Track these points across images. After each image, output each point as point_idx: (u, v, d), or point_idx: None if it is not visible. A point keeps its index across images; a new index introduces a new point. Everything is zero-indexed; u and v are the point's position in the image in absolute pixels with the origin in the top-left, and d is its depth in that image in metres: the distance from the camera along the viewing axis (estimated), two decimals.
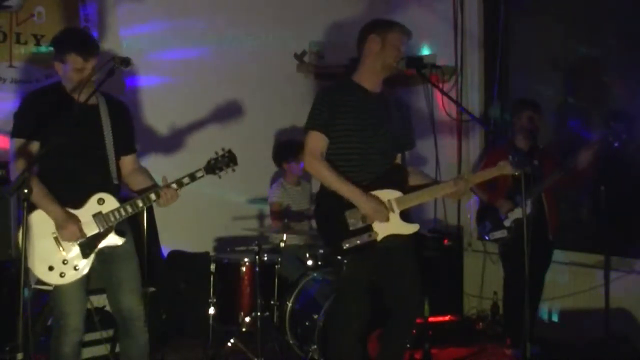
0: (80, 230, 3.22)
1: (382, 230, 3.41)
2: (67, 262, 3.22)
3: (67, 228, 3.18)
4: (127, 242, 3.41)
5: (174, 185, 3.33)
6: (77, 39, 3.36)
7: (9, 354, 3.89)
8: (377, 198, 3.40)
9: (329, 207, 3.46)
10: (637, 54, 5.00)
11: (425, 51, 6.16)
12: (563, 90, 5.59)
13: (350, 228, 3.39)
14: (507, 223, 4.68)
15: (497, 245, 4.93)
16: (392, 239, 3.45)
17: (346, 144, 3.48)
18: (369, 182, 3.45)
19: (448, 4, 5.99)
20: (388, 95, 3.64)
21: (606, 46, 5.24)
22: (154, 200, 3.32)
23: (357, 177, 3.44)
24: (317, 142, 3.48)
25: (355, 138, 3.47)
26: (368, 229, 3.40)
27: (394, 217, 3.44)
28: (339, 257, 3.45)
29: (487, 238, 4.86)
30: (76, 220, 3.22)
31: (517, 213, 4.63)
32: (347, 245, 3.36)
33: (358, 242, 3.37)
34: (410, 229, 3.48)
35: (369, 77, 3.57)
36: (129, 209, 3.29)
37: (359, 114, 3.48)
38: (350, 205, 3.40)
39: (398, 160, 3.70)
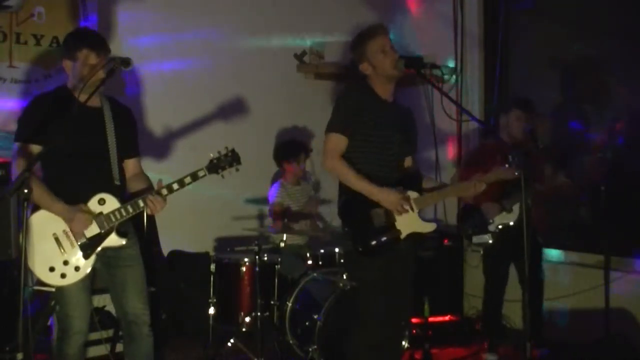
0: (90, 215, 3.20)
1: (404, 228, 3.50)
2: (69, 263, 3.22)
3: (75, 218, 3.17)
4: (132, 247, 3.41)
5: (164, 191, 3.30)
6: (90, 36, 3.43)
7: (9, 354, 3.89)
8: (393, 190, 3.45)
9: (355, 205, 3.52)
10: (637, 54, 4.99)
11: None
12: (563, 90, 5.59)
13: (376, 226, 3.47)
14: (491, 228, 4.57)
15: (480, 248, 4.85)
16: (408, 241, 3.53)
17: (364, 149, 3.54)
18: (390, 183, 3.51)
19: (448, 4, 5.98)
20: (397, 103, 3.69)
21: (606, 46, 5.24)
22: (142, 207, 3.29)
23: (375, 177, 3.50)
24: (336, 143, 3.53)
25: (372, 142, 3.54)
26: (392, 226, 3.48)
27: (414, 215, 3.51)
28: (361, 255, 3.52)
29: (468, 241, 4.81)
30: (82, 207, 3.20)
31: (504, 218, 4.55)
32: (374, 242, 3.46)
33: (384, 239, 3.46)
34: (428, 227, 3.56)
35: (380, 87, 3.61)
36: (130, 209, 3.28)
37: (376, 118, 3.54)
38: (374, 205, 3.47)
39: (410, 162, 3.76)
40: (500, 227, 4.56)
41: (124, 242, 3.32)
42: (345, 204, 3.59)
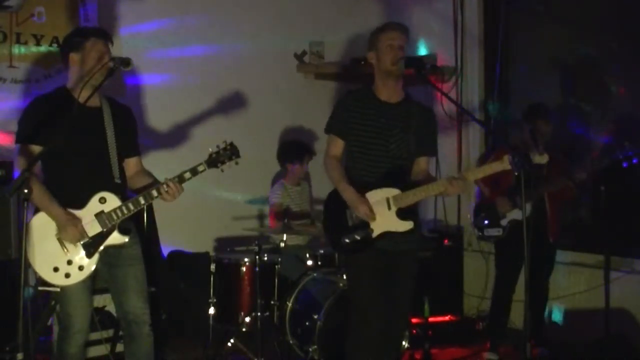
0: (82, 231, 3.22)
1: (378, 227, 3.50)
2: (72, 262, 3.23)
3: (68, 230, 3.18)
4: (132, 247, 3.41)
5: (165, 186, 3.30)
6: (94, 28, 3.55)
7: (9, 354, 3.89)
8: (363, 197, 3.49)
9: (333, 206, 3.63)
10: (638, 54, 4.99)
11: (423, 51, 6.15)
12: (563, 91, 5.59)
13: (350, 224, 3.54)
14: (503, 222, 4.68)
15: (493, 243, 4.91)
16: (395, 241, 3.52)
17: (355, 148, 3.60)
18: (374, 182, 3.53)
19: (448, 4, 5.99)
20: (411, 103, 3.67)
21: (607, 46, 5.24)
22: (156, 197, 3.30)
23: (366, 179, 3.54)
24: (332, 144, 3.68)
25: (363, 143, 3.57)
26: (365, 225, 3.51)
27: (390, 214, 3.50)
28: (340, 253, 3.55)
29: (480, 233, 4.83)
30: (77, 221, 3.21)
31: (515, 214, 4.62)
32: (346, 240, 3.54)
33: (356, 237, 3.52)
34: (404, 226, 3.52)
35: (382, 89, 3.62)
36: (131, 207, 3.28)
37: (370, 122, 3.57)
38: None
39: (424, 164, 3.72)
40: (510, 223, 4.63)
41: (126, 239, 3.32)
42: (327, 202, 3.71)
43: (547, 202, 4.63)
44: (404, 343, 4.38)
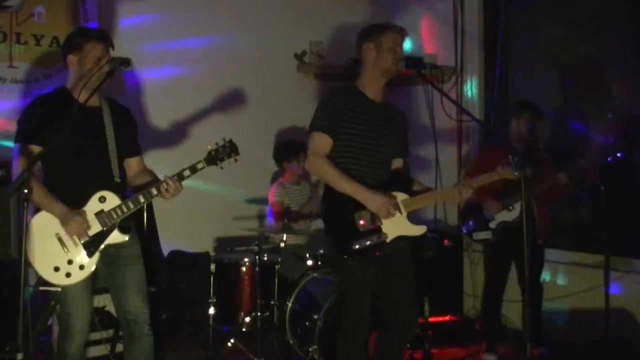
0: (86, 221, 3.21)
1: (391, 231, 3.42)
2: (73, 262, 3.23)
3: (71, 222, 3.18)
4: (132, 247, 3.42)
5: (175, 178, 3.31)
6: (95, 30, 3.52)
7: (9, 354, 3.90)
8: (381, 192, 3.39)
9: (338, 208, 3.46)
10: (638, 54, 4.99)
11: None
12: (563, 90, 5.59)
13: (361, 229, 3.40)
14: (492, 225, 4.61)
15: (481, 245, 4.89)
16: (395, 243, 3.46)
17: (349, 148, 3.50)
18: (376, 185, 3.45)
19: (448, 4, 5.99)
20: (390, 104, 3.67)
21: (606, 46, 5.24)
22: (156, 195, 3.30)
23: (359, 180, 3.44)
24: (320, 142, 3.49)
25: (358, 143, 3.49)
26: (378, 230, 3.41)
27: (402, 218, 3.45)
28: (346, 258, 3.41)
29: (464, 231, 4.80)
30: (80, 212, 3.21)
31: (504, 215, 4.58)
32: (357, 246, 3.36)
33: (368, 242, 3.37)
34: (417, 230, 3.48)
35: (371, 86, 3.58)
36: (131, 205, 3.29)
37: (362, 120, 3.50)
38: (359, 207, 3.40)
39: (398, 165, 3.70)
40: (500, 224, 4.58)
41: (126, 238, 3.33)
42: (327, 206, 3.51)
43: (535, 204, 4.58)
44: None
